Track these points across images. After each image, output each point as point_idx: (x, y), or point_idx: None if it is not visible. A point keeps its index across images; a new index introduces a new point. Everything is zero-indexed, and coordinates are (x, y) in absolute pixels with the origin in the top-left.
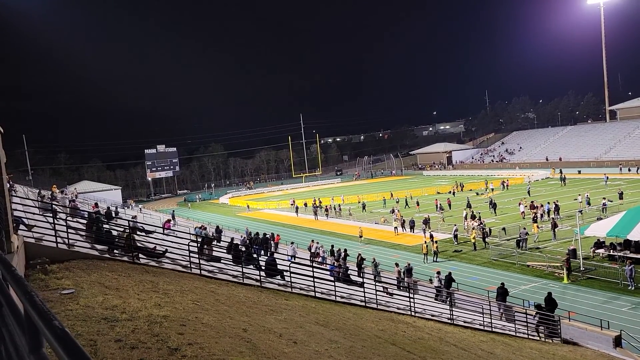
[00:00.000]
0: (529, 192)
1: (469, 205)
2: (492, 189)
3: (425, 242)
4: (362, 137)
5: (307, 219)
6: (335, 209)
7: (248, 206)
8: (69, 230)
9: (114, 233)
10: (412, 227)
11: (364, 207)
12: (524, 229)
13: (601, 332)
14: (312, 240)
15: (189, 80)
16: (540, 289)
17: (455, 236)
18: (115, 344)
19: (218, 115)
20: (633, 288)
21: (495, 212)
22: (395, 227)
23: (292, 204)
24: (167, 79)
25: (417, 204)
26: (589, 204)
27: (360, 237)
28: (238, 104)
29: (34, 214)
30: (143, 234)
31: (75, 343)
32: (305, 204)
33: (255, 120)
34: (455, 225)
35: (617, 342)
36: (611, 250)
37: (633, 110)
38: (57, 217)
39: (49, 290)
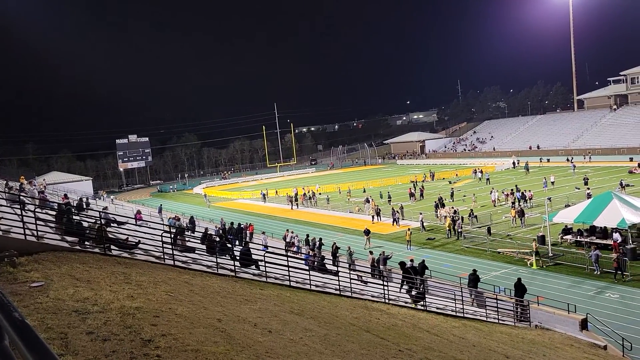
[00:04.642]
0: (488, 180)
1: (416, 194)
2: (481, 179)
3: (409, 229)
4: (336, 126)
5: (282, 209)
6: (311, 198)
7: (205, 195)
8: (38, 222)
9: (85, 224)
10: (396, 221)
11: (312, 196)
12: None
13: (568, 316)
14: (287, 230)
15: (162, 69)
16: (510, 275)
17: (422, 223)
18: (87, 336)
19: (191, 105)
20: (599, 273)
21: (452, 200)
22: (372, 216)
23: (294, 194)
24: (139, 68)
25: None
26: (552, 183)
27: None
28: (212, 93)
29: (1, 205)
30: (115, 224)
31: (35, 334)
32: (303, 194)
33: (229, 110)
34: (421, 213)
35: (583, 325)
36: (578, 237)
37: (600, 100)
38: (26, 208)
39: (17, 284)
